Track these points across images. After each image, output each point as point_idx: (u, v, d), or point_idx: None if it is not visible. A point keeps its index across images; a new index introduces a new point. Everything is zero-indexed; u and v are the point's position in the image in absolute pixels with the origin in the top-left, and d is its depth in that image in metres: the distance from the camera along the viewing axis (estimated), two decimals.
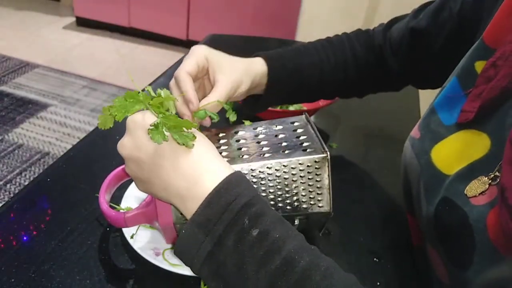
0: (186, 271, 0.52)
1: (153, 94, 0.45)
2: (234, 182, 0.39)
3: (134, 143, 0.42)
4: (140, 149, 0.42)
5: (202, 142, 0.42)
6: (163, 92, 0.45)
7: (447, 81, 0.52)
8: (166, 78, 1.03)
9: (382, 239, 0.63)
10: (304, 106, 0.92)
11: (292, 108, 0.92)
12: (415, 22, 0.64)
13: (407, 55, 0.66)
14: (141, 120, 0.42)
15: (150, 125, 0.40)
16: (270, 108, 0.89)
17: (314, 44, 0.70)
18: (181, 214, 0.48)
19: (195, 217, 0.38)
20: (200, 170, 0.40)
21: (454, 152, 0.47)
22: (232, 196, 0.38)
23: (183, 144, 0.40)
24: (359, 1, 1.69)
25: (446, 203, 0.45)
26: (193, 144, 0.40)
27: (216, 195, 0.38)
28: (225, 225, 0.37)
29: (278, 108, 0.91)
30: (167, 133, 0.40)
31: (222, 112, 0.55)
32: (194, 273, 0.40)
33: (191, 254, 0.38)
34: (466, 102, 0.47)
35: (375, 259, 0.59)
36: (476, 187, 0.42)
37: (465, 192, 0.43)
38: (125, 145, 0.43)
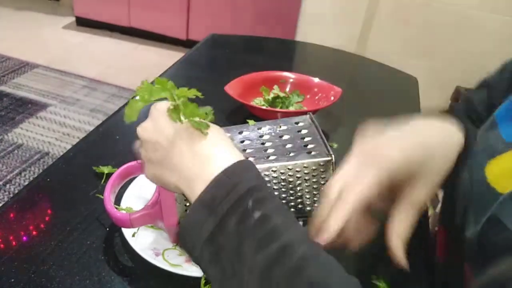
0: (185, 271, 0.52)
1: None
2: (244, 167, 0.40)
3: (155, 127, 0.44)
4: (159, 132, 0.43)
5: (217, 130, 0.43)
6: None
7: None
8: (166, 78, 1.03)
9: (380, 238, 0.63)
10: (304, 106, 0.92)
11: (292, 108, 0.92)
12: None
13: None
14: (164, 108, 0.44)
15: (170, 105, 0.43)
16: (272, 108, 0.90)
17: None
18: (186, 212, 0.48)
19: (202, 196, 0.39)
20: (212, 154, 0.41)
21: (511, 169, 0.44)
22: (240, 179, 0.38)
23: (198, 129, 0.42)
24: (359, 1, 1.69)
25: (494, 223, 0.42)
26: (207, 132, 0.42)
27: (225, 176, 0.39)
28: (229, 205, 0.37)
29: (278, 108, 0.91)
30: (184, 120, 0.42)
31: (221, 111, 0.55)
32: (195, 261, 0.40)
33: (193, 237, 0.39)
34: None
35: (375, 259, 0.59)
36: None
37: None
38: (146, 128, 0.45)
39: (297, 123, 0.55)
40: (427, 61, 1.81)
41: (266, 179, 0.49)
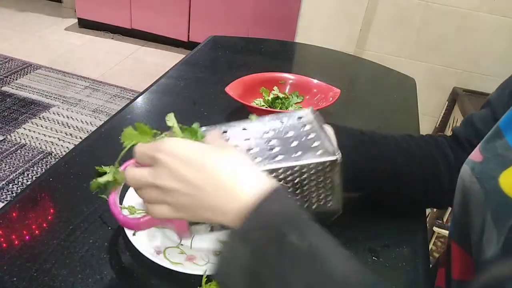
0: (187, 269, 0.53)
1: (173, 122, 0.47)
2: (276, 193, 0.39)
3: (172, 172, 0.41)
4: (177, 179, 0.41)
5: (233, 154, 0.42)
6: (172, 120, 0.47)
7: None
8: (167, 79, 1.04)
9: (380, 238, 0.64)
10: (304, 107, 0.93)
11: (291, 108, 0.92)
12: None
13: None
14: (175, 151, 0.41)
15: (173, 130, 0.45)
16: (271, 109, 0.90)
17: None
18: None
19: (237, 231, 0.38)
20: (236, 183, 0.40)
21: None
22: (276, 207, 0.38)
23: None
24: (358, 2, 1.70)
25: None
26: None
27: (258, 208, 0.38)
28: (268, 238, 0.36)
29: (278, 109, 0.91)
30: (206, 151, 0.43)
31: (222, 111, 0.55)
32: None
33: (231, 270, 0.37)
34: None
35: (373, 257, 0.60)
36: None
37: None
38: (160, 176, 0.41)
39: (300, 117, 0.55)
40: (425, 62, 1.81)
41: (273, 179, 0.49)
